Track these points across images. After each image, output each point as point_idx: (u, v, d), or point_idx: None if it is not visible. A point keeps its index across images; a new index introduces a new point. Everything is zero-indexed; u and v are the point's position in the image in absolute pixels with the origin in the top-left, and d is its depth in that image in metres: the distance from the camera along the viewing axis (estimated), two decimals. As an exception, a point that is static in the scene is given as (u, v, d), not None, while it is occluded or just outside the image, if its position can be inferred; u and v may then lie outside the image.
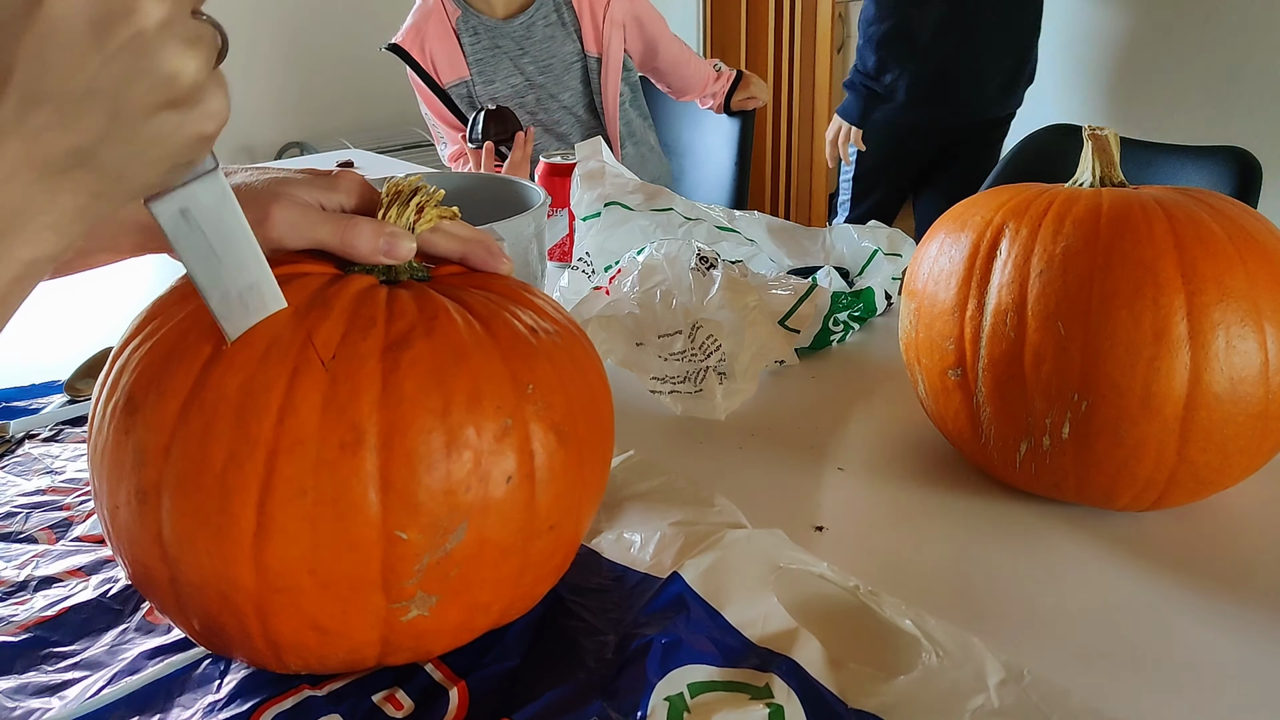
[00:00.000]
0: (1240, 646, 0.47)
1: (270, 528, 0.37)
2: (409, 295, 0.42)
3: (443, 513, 0.38)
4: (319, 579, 0.38)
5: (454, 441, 0.38)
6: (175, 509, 0.37)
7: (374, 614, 0.39)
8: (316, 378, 0.38)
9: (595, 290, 0.84)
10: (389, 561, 0.38)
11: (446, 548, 0.39)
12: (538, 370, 0.42)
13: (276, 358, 0.38)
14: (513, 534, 0.41)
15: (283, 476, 0.37)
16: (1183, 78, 2.16)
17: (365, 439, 0.37)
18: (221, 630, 0.40)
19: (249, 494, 0.37)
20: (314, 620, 0.39)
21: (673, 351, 0.76)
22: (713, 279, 0.78)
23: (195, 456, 0.37)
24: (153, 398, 0.38)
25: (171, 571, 0.39)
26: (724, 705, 0.42)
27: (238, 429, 0.37)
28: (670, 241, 0.83)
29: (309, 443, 0.37)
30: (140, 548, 0.39)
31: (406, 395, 0.38)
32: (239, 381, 0.38)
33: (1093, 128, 0.59)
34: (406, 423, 0.38)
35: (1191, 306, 0.50)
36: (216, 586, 0.38)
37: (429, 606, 0.40)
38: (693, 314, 0.76)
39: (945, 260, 0.58)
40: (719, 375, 0.72)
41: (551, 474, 0.42)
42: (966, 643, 0.45)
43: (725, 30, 3.49)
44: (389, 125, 3.51)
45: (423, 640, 0.42)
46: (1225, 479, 0.54)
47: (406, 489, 0.38)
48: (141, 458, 0.38)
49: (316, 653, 0.40)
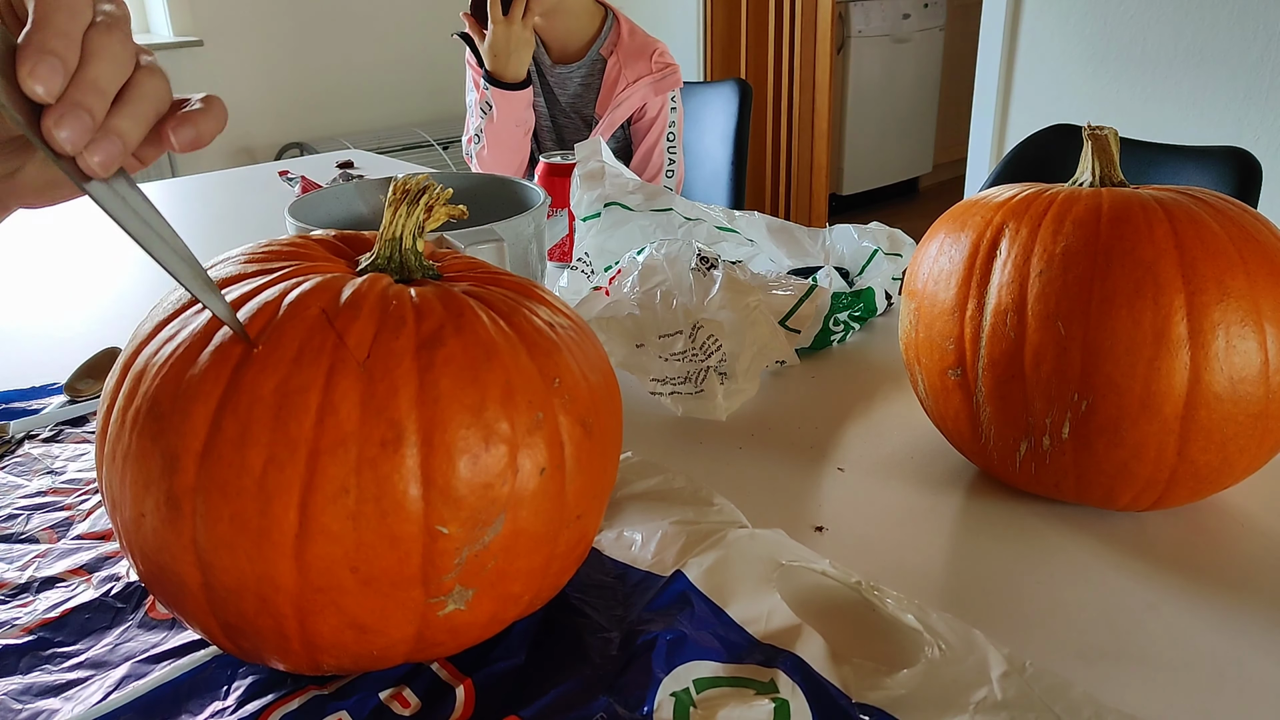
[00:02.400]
0: (1240, 646, 0.48)
1: (312, 528, 0.37)
2: (432, 294, 0.42)
3: (482, 505, 0.39)
4: (361, 576, 0.38)
5: (491, 435, 0.39)
6: (211, 513, 0.37)
7: (412, 610, 0.40)
8: (353, 377, 0.38)
9: (595, 290, 0.85)
10: (429, 556, 0.38)
11: (485, 540, 0.39)
12: (561, 364, 0.43)
13: (310, 359, 0.38)
14: (545, 524, 0.41)
15: (325, 476, 0.37)
16: (1183, 77, 2.16)
17: (406, 436, 0.37)
18: (257, 633, 0.40)
19: (290, 495, 0.37)
20: (354, 618, 0.39)
21: (673, 352, 0.76)
22: (714, 279, 0.78)
23: (232, 460, 0.37)
24: (182, 403, 0.38)
25: (205, 577, 0.38)
26: (730, 700, 0.42)
27: (276, 431, 0.37)
28: (670, 242, 0.84)
29: (350, 442, 0.37)
30: (169, 554, 0.39)
31: (444, 392, 0.38)
32: (274, 383, 0.38)
33: (1093, 127, 0.59)
34: (445, 419, 0.38)
35: (1191, 306, 0.50)
36: (255, 589, 0.38)
37: (466, 600, 0.40)
38: (693, 314, 0.77)
39: (945, 260, 0.59)
40: (720, 375, 0.72)
41: (579, 465, 0.43)
42: (969, 636, 0.45)
43: (726, 30, 3.49)
44: (389, 125, 3.52)
45: (457, 634, 0.42)
46: (1225, 479, 0.54)
47: (447, 484, 0.38)
48: (173, 463, 0.38)
49: (352, 651, 0.40)
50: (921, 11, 3.78)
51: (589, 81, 1.57)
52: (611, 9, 1.57)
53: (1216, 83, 2.10)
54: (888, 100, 3.79)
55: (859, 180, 3.84)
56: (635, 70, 1.54)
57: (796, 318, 0.82)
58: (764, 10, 3.45)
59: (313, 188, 1.52)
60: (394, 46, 3.46)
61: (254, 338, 0.39)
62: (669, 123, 1.58)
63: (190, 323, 0.40)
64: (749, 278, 0.83)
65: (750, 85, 1.80)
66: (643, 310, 0.79)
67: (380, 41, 3.44)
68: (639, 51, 1.55)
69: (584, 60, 1.56)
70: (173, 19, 2.97)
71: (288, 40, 3.22)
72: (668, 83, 1.54)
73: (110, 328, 0.95)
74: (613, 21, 1.56)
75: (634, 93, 1.53)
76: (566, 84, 1.57)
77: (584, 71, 1.57)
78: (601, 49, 1.55)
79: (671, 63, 1.56)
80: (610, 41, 1.55)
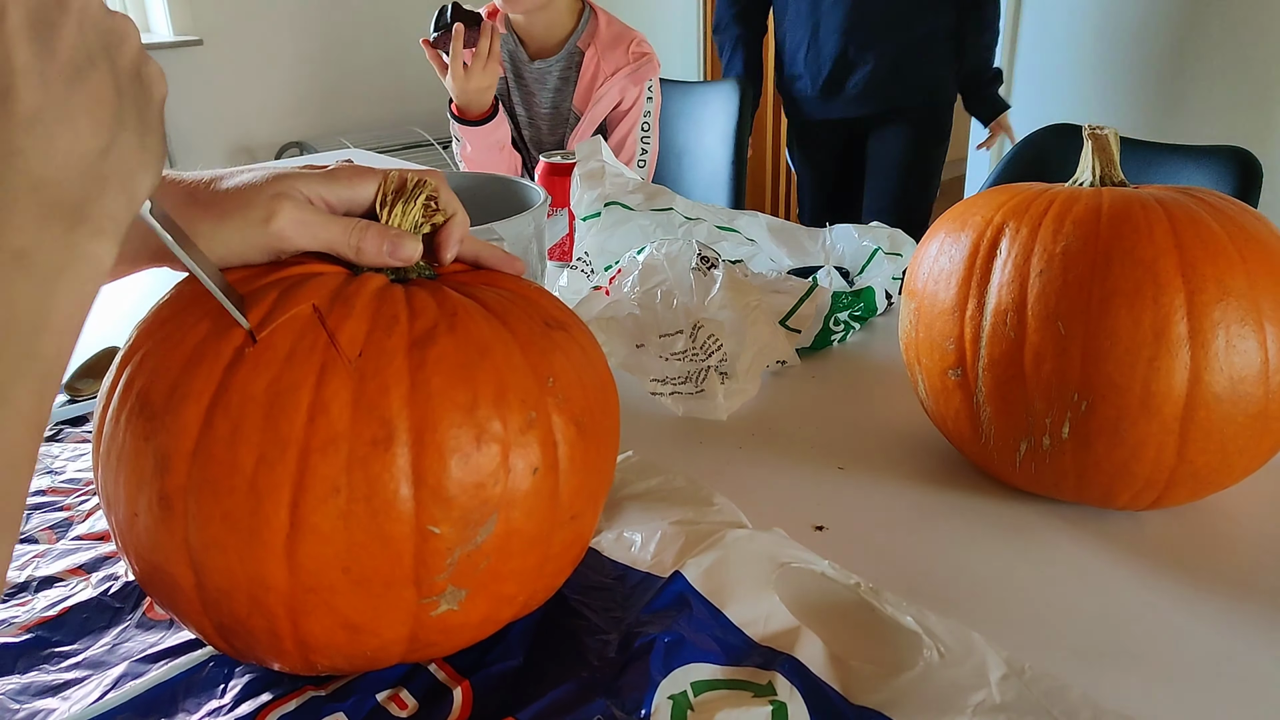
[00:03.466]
0: (1239, 645, 0.48)
1: (303, 527, 0.37)
2: (426, 293, 0.42)
3: (473, 506, 0.39)
4: (352, 577, 0.38)
5: (482, 435, 0.39)
6: (203, 513, 0.37)
7: (405, 610, 0.39)
8: (345, 376, 0.38)
9: (595, 290, 0.85)
10: (421, 556, 0.38)
11: (477, 540, 0.39)
12: (555, 364, 0.42)
13: (302, 357, 0.38)
14: (538, 524, 0.41)
15: (316, 476, 0.37)
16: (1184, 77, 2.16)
17: (397, 435, 0.37)
18: (249, 633, 0.40)
19: (281, 495, 0.37)
20: (346, 619, 0.39)
21: (674, 351, 0.76)
22: (714, 279, 0.78)
23: (223, 459, 0.37)
24: (174, 402, 0.38)
25: (198, 577, 0.38)
26: (727, 703, 0.42)
27: (267, 430, 0.37)
28: (671, 241, 0.84)
29: (341, 441, 0.37)
30: (163, 554, 0.39)
31: (435, 391, 0.38)
32: (265, 382, 0.37)
33: (1093, 127, 0.59)
34: (436, 418, 0.38)
35: (1191, 306, 0.50)
36: (247, 590, 0.38)
37: (459, 601, 0.40)
38: (694, 314, 0.76)
39: (945, 260, 0.58)
40: (720, 375, 0.72)
41: (573, 465, 0.42)
42: (967, 638, 0.45)
43: (724, 30, 3.48)
44: (389, 125, 3.51)
45: (450, 635, 0.42)
46: (1225, 479, 0.54)
47: (438, 483, 0.38)
48: (164, 463, 0.38)
49: (345, 652, 0.40)
50: (922, 11, 3.77)
51: (567, 75, 1.56)
52: (588, 2, 1.56)
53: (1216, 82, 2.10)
54: (888, 100, 3.78)
55: (859, 180, 3.84)
56: (613, 62, 1.52)
57: (797, 318, 0.82)
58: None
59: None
60: (394, 46, 3.46)
61: (247, 335, 0.39)
62: (644, 111, 1.56)
63: (185, 322, 0.40)
64: (750, 277, 0.83)
65: (750, 85, 1.79)
66: (643, 310, 0.79)
67: (380, 41, 3.43)
68: (616, 42, 1.54)
69: (561, 54, 1.54)
70: (173, 19, 2.97)
71: (288, 40, 3.21)
72: (644, 71, 1.53)
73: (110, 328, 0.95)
74: (589, 14, 1.55)
75: (613, 86, 1.52)
76: (545, 79, 1.56)
77: (562, 65, 1.55)
78: (579, 41, 1.54)
79: (648, 50, 1.55)
80: (588, 34, 1.54)
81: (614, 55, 1.53)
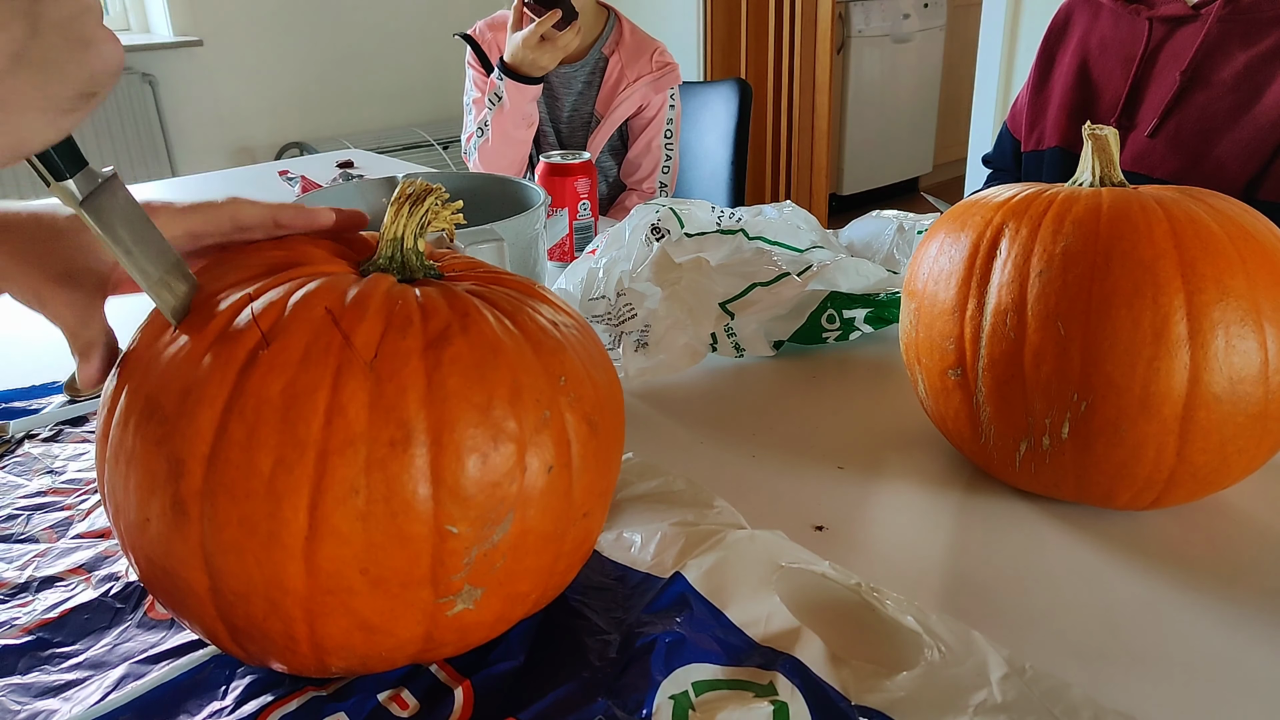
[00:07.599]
0: (1238, 645, 0.48)
1: (322, 529, 0.37)
2: (437, 293, 0.42)
3: (490, 504, 0.39)
4: (370, 577, 0.38)
5: (499, 434, 0.39)
6: (219, 517, 0.37)
7: (421, 610, 0.39)
8: (361, 377, 0.38)
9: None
10: (439, 556, 0.38)
11: (494, 539, 0.39)
12: (567, 362, 0.43)
13: (317, 359, 0.38)
14: (552, 522, 0.42)
15: (334, 478, 0.37)
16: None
17: (414, 436, 0.37)
18: (264, 636, 0.39)
19: (300, 497, 0.37)
20: (363, 620, 0.39)
21: (594, 315, 0.80)
22: (651, 249, 0.81)
23: (240, 463, 0.37)
24: (187, 406, 0.38)
25: (213, 581, 0.38)
26: (729, 703, 0.42)
27: (284, 433, 0.37)
28: (649, 209, 0.86)
29: (359, 442, 0.37)
30: (176, 559, 0.38)
31: (452, 391, 0.38)
32: (281, 385, 0.37)
33: (1093, 127, 0.59)
34: (454, 418, 0.38)
35: (1191, 306, 0.50)
36: (264, 593, 0.38)
37: (474, 600, 0.40)
38: (622, 282, 0.80)
39: (945, 260, 0.59)
40: (636, 343, 0.76)
41: (585, 462, 0.43)
42: (968, 638, 0.45)
43: (726, 30, 3.49)
44: (389, 125, 3.52)
45: (465, 634, 0.42)
46: (1224, 479, 0.54)
47: (456, 483, 0.38)
48: (178, 467, 0.37)
49: (360, 653, 0.40)
50: (922, 11, 3.78)
51: (591, 80, 1.60)
52: (613, 9, 1.61)
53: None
54: (888, 100, 3.78)
55: (859, 180, 3.84)
56: (636, 69, 1.57)
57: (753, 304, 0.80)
58: (764, 10, 3.44)
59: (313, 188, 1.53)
60: (394, 46, 3.46)
61: (260, 338, 0.39)
62: (667, 119, 1.61)
63: (192, 325, 0.40)
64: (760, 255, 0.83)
65: (750, 85, 1.80)
66: (587, 276, 0.83)
67: (380, 41, 3.43)
68: (639, 50, 1.58)
69: (587, 59, 1.58)
70: (172, 19, 2.97)
71: (288, 40, 3.22)
72: (667, 80, 1.58)
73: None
74: (614, 21, 1.60)
75: (635, 91, 1.57)
76: (571, 83, 1.60)
77: (587, 70, 1.59)
78: (604, 48, 1.58)
79: (671, 61, 1.59)
80: (612, 40, 1.58)
81: (637, 63, 1.57)
